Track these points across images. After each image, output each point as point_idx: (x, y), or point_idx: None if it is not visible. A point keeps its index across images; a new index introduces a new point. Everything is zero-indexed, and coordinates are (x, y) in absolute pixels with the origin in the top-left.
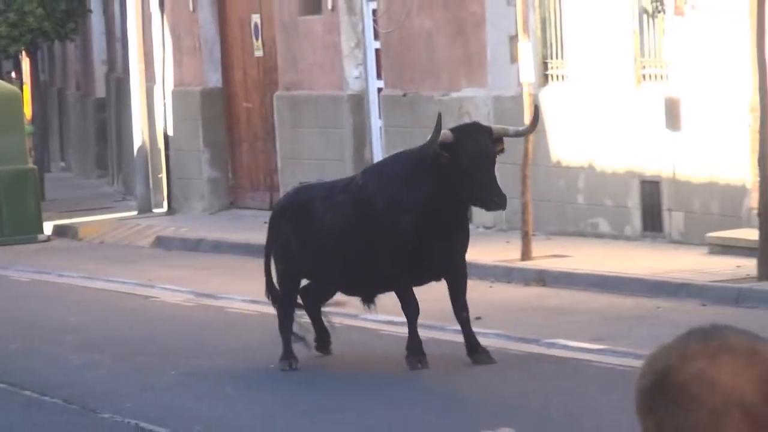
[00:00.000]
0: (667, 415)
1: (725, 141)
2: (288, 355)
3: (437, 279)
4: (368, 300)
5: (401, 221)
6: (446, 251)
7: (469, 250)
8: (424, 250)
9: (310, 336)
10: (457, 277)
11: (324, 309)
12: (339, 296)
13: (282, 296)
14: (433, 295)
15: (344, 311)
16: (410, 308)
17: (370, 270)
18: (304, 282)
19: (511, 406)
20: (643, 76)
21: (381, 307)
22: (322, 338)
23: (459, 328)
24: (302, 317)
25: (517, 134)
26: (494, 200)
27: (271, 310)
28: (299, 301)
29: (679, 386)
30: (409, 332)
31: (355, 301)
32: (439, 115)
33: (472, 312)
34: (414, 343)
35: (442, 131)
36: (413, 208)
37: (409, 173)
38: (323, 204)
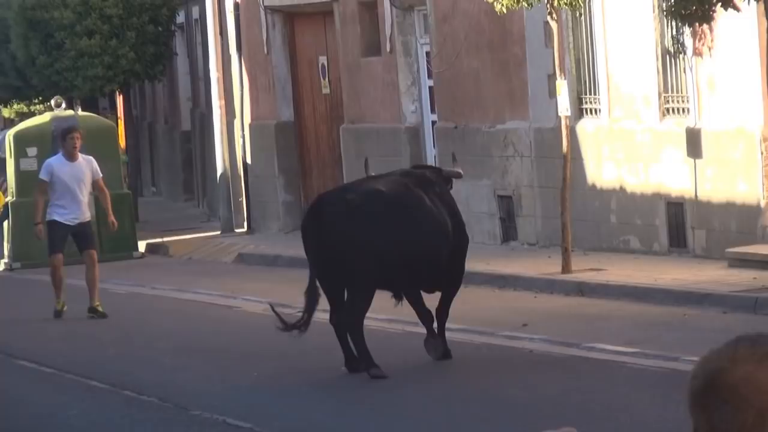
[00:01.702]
0: (718, 413)
1: (740, 167)
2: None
3: None
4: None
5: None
6: None
7: (515, 264)
8: None
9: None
10: None
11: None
12: None
13: (367, 297)
14: (484, 302)
15: (404, 319)
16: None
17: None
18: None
19: (555, 403)
20: (667, 110)
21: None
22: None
23: (510, 333)
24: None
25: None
26: None
27: None
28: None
29: (729, 387)
30: (443, 333)
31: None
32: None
33: (521, 319)
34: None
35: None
36: None
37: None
38: (406, 208)
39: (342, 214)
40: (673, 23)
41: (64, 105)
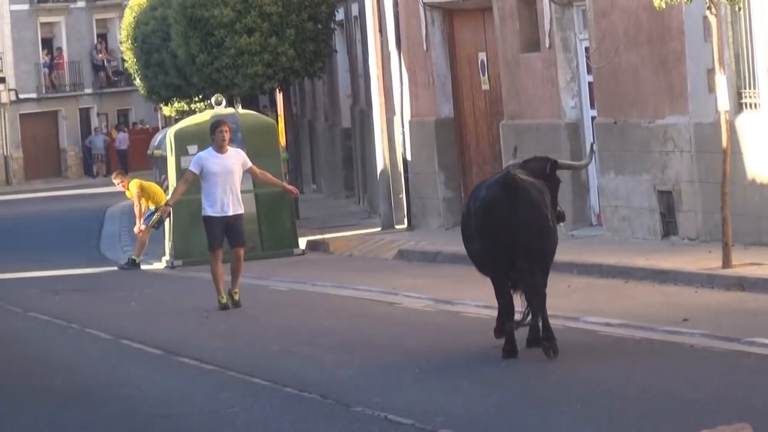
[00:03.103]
0: None
1: None
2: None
3: None
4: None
5: None
6: None
7: (675, 259)
8: None
9: None
10: None
11: None
12: None
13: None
14: (645, 297)
15: (564, 314)
16: None
17: None
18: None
19: (716, 398)
20: None
21: (598, 311)
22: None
23: (671, 328)
24: None
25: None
26: None
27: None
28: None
29: None
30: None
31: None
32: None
33: (681, 314)
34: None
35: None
36: None
37: None
38: None
39: (534, 194)
40: None
41: (224, 103)
